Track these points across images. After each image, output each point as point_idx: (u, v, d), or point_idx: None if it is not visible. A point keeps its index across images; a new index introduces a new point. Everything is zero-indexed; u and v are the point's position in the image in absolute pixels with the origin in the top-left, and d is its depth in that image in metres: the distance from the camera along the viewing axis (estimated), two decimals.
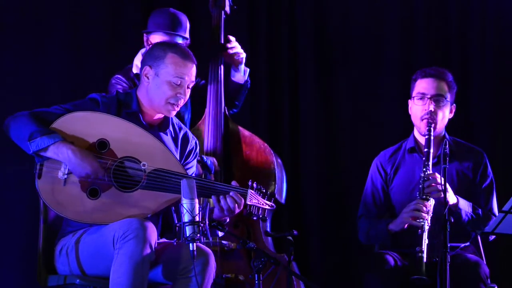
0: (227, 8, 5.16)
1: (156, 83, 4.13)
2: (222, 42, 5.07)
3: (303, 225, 5.78)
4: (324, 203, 5.85)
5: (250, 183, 4.09)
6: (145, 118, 4.18)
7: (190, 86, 4.16)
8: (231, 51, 5.04)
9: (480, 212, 4.66)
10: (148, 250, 3.88)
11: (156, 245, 3.96)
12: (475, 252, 4.75)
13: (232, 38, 5.07)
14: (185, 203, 3.80)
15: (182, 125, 4.34)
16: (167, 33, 4.94)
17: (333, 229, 5.82)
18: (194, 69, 4.16)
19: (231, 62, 5.06)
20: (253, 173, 4.73)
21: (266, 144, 4.97)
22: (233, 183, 4.10)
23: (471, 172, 4.76)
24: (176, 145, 4.25)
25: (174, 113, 4.17)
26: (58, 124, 4.00)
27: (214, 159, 4.87)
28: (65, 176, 3.96)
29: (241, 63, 5.07)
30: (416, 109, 4.71)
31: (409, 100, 4.78)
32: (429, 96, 4.68)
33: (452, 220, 4.26)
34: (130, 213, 3.98)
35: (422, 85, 4.71)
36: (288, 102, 5.89)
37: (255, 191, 4.08)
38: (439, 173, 4.53)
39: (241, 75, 5.09)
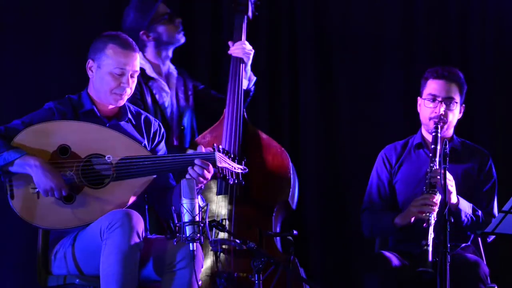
0: (250, 14, 5.17)
1: (99, 75, 4.21)
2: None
3: (303, 225, 5.78)
4: (324, 203, 5.85)
5: (215, 146, 4.13)
6: (101, 112, 4.24)
7: (135, 76, 4.22)
8: (233, 50, 5.05)
9: (480, 214, 4.67)
10: (136, 238, 3.92)
11: (144, 234, 3.99)
12: (475, 252, 4.75)
13: (243, 42, 5.09)
14: (185, 203, 3.82)
15: (141, 110, 4.40)
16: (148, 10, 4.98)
17: (333, 229, 5.82)
18: (136, 58, 4.22)
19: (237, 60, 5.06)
20: (268, 176, 4.73)
21: (283, 149, 4.96)
22: (199, 148, 4.14)
23: (476, 173, 4.77)
24: (140, 132, 4.30)
25: (121, 102, 4.23)
26: (18, 140, 4.04)
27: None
28: (36, 190, 4.00)
29: (244, 64, 5.06)
30: (426, 110, 4.71)
31: (419, 98, 4.78)
32: (440, 99, 4.68)
33: (452, 220, 4.26)
34: (110, 206, 4.03)
35: (433, 87, 4.71)
36: (288, 102, 5.89)
37: (222, 153, 4.12)
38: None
39: (245, 81, 5.09)
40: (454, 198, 4.58)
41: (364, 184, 4.95)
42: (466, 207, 4.63)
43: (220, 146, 4.14)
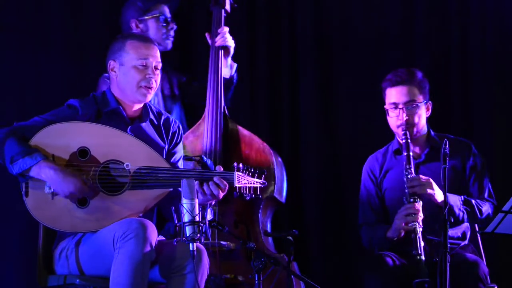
0: (228, 7, 5.15)
1: (123, 72, 4.17)
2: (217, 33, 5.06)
3: (303, 225, 5.78)
4: (324, 203, 5.85)
5: (235, 165, 4.08)
6: (126, 112, 4.20)
7: (159, 67, 4.19)
8: (218, 40, 5.01)
9: (474, 203, 4.68)
10: (148, 249, 3.89)
11: (156, 243, 3.97)
12: (475, 251, 4.76)
13: (225, 28, 5.05)
14: (185, 203, 3.81)
15: (162, 111, 4.36)
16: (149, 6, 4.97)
17: (333, 229, 5.82)
18: (156, 50, 4.20)
19: (219, 52, 5.02)
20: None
21: (265, 144, 4.95)
22: (218, 168, 4.09)
23: (461, 166, 4.77)
24: (160, 132, 4.26)
25: (150, 96, 4.19)
26: (37, 139, 4.00)
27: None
28: (52, 190, 3.97)
29: (228, 53, 5.03)
30: (391, 119, 4.76)
31: (385, 106, 4.80)
32: (401, 106, 4.71)
33: (452, 220, 4.27)
34: (122, 215, 4.01)
35: (392, 94, 4.76)
36: (288, 103, 5.89)
37: (242, 172, 4.08)
38: (428, 171, 4.58)
39: (227, 69, 5.06)
40: (440, 196, 4.58)
41: None
42: (456, 200, 4.63)
43: (241, 165, 4.08)
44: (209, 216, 3.95)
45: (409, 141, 4.66)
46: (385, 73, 5.86)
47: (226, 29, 5.06)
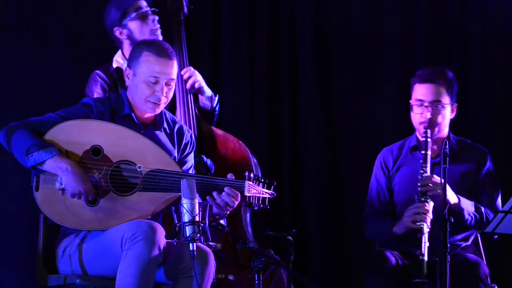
0: (185, 10, 5.10)
1: (134, 83, 4.16)
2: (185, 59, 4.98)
3: (303, 225, 5.78)
4: (324, 203, 5.85)
5: (247, 174, 4.07)
6: (138, 119, 4.20)
7: (171, 84, 4.16)
8: (188, 82, 4.93)
9: (484, 211, 4.66)
10: (156, 252, 3.90)
11: (164, 246, 3.97)
12: (475, 252, 4.75)
13: (187, 69, 4.96)
14: (185, 203, 3.82)
15: (176, 119, 4.35)
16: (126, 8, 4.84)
17: (333, 229, 5.82)
18: (171, 65, 4.14)
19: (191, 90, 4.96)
20: (231, 171, 4.72)
21: (241, 142, 4.93)
22: (229, 176, 4.09)
23: (474, 172, 4.77)
24: (172, 141, 4.26)
25: (158, 110, 4.18)
26: (52, 134, 4.00)
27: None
28: (62, 186, 3.97)
29: (199, 89, 4.93)
30: (415, 115, 4.72)
31: (410, 101, 4.79)
32: (426, 104, 4.69)
33: (452, 220, 4.26)
34: (130, 216, 4.00)
35: (420, 91, 4.72)
36: (288, 103, 5.89)
37: (253, 181, 4.07)
38: (442, 172, 4.55)
39: (205, 101, 4.98)
40: (453, 198, 4.58)
41: (364, 183, 4.95)
42: (468, 205, 4.63)
43: (252, 174, 4.08)
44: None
45: (429, 139, 4.62)
46: (385, 73, 5.90)
47: (192, 69, 4.95)
